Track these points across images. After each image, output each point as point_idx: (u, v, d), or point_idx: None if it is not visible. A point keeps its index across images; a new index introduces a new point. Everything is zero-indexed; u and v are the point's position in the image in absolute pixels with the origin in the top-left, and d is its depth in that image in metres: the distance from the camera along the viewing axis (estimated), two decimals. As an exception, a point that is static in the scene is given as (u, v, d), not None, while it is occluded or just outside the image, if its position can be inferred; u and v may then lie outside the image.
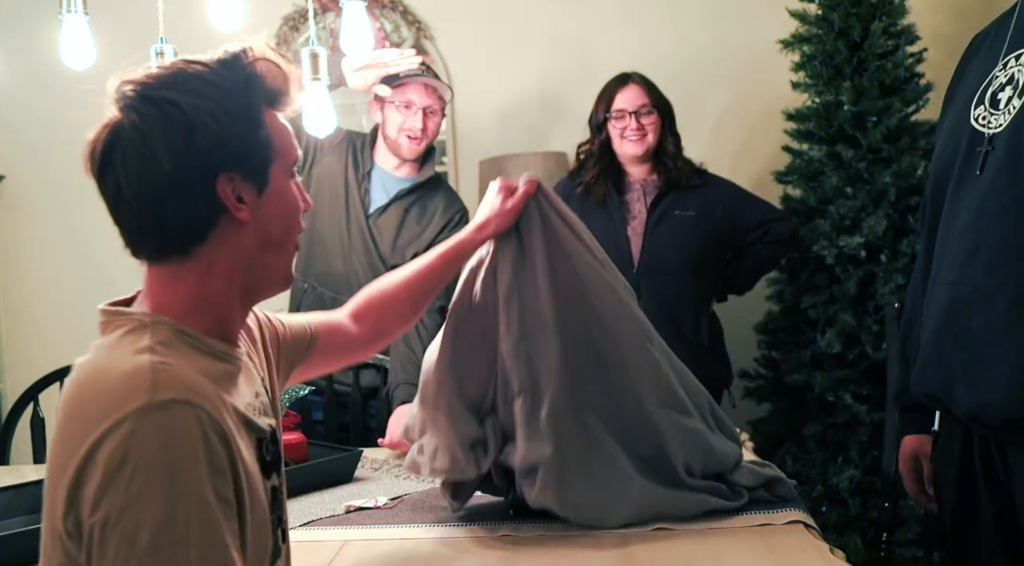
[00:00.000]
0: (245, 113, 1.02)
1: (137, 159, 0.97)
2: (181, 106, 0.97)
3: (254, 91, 1.04)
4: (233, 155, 1.01)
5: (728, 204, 2.68)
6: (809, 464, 2.94)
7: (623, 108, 2.63)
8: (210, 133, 0.98)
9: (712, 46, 3.52)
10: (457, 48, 3.62)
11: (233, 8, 2.26)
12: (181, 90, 0.99)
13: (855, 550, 2.76)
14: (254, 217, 1.04)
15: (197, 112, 0.98)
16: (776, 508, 1.50)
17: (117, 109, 1.00)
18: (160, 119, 0.97)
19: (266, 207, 1.05)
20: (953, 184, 1.45)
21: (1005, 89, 1.40)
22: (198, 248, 1.02)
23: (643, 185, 2.68)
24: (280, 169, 1.07)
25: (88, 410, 0.92)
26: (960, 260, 1.42)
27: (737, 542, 1.39)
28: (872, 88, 2.91)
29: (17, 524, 1.62)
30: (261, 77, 1.04)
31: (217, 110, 0.99)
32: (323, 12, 3.56)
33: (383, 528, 1.57)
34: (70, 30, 2.12)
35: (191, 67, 1.02)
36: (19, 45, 3.34)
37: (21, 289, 3.72)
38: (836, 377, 2.91)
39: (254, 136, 1.03)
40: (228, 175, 1.01)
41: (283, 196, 1.08)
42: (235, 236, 1.03)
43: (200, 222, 1.01)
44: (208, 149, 0.98)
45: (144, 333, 0.99)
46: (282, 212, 1.08)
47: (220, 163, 1.00)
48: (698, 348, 2.64)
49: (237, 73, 1.03)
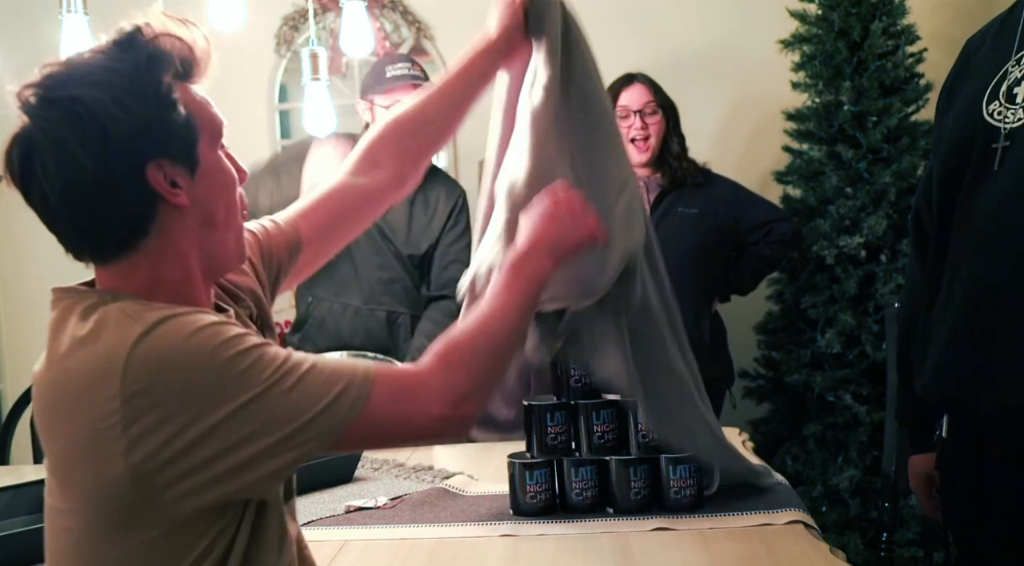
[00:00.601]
0: (155, 94, 0.97)
1: (57, 166, 0.94)
2: (86, 102, 0.93)
3: (159, 68, 0.98)
4: (155, 141, 0.97)
5: (731, 203, 2.69)
6: (809, 464, 2.94)
7: (627, 106, 2.63)
8: (123, 124, 0.94)
9: (712, 46, 3.52)
10: (457, 48, 3.60)
11: (233, 8, 2.26)
12: (82, 84, 0.95)
13: (855, 550, 2.76)
14: (192, 199, 1.00)
15: (105, 105, 0.94)
16: (776, 508, 1.50)
17: (23, 116, 0.96)
18: (69, 120, 0.94)
19: (202, 186, 1.01)
20: (968, 182, 1.42)
21: (1022, 83, 1.39)
22: (143, 240, 0.99)
23: (647, 183, 2.69)
24: (207, 144, 1.02)
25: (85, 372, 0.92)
26: (980, 259, 1.38)
27: (737, 542, 1.39)
28: (872, 88, 2.91)
29: (17, 524, 1.62)
30: (165, 51, 0.99)
31: (125, 98, 0.94)
32: (323, 12, 3.56)
33: (383, 528, 1.57)
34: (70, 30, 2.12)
35: (88, 57, 0.98)
36: (19, 45, 3.33)
37: (21, 289, 3.71)
38: (836, 377, 2.91)
39: (171, 117, 0.98)
40: (156, 162, 0.97)
41: (217, 171, 1.04)
42: (178, 221, 1.00)
43: (138, 216, 0.98)
44: (127, 141, 0.94)
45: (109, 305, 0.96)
46: (219, 187, 1.04)
47: (144, 152, 0.96)
48: (700, 347, 2.63)
49: (138, 53, 0.97)
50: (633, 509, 1.54)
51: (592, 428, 1.57)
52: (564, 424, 1.59)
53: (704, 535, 1.43)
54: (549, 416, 1.58)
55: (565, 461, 1.57)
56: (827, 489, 2.88)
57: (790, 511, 1.48)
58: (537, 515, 1.56)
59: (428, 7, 3.61)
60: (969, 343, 1.40)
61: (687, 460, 1.53)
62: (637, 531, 1.46)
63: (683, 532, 1.45)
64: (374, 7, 3.50)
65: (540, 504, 1.57)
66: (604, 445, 1.57)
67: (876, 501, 2.80)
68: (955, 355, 1.42)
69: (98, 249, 1.00)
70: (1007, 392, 1.35)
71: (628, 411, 1.56)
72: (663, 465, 1.54)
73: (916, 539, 2.75)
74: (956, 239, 1.45)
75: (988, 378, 1.37)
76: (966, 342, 1.41)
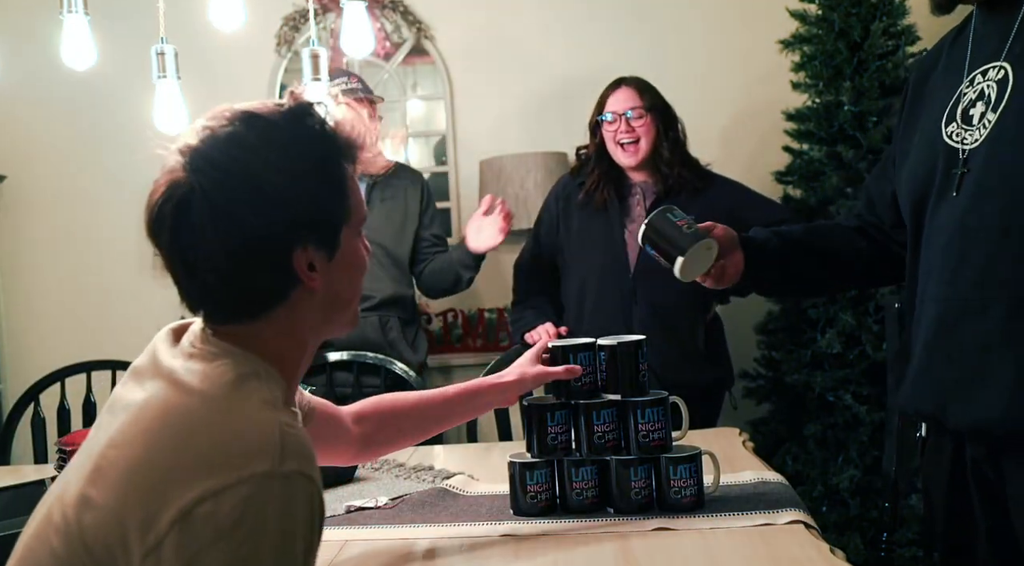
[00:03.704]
0: (325, 171, 0.97)
1: (212, 231, 0.92)
2: (259, 175, 0.92)
3: (331, 143, 0.98)
4: (309, 224, 0.96)
5: (732, 208, 2.64)
6: (809, 464, 2.94)
7: (614, 110, 2.62)
8: (292, 205, 0.93)
9: (712, 46, 3.52)
10: (457, 48, 3.62)
11: (233, 8, 2.26)
12: (256, 151, 0.93)
13: (855, 550, 2.76)
14: (324, 283, 0.99)
15: (274, 180, 0.93)
16: (776, 508, 1.50)
17: (182, 168, 0.93)
18: (235, 188, 0.92)
19: (336, 270, 1.01)
20: (932, 203, 1.46)
21: (976, 105, 1.42)
22: (269, 314, 0.98)
23: (643, 188, 2.68)
24: (350, 230, 1.02)
25: (200, 450, 0.87)
26: (946, 277, 1.42)
27: (737, 542, 1.39)
28: (872, 88, 2.91)
29: (17, 524, 1.61)
30: (339, 127, 0.99)
31: (307, 176, 0.94)
32: (323, 12, 3.56)
33: (383, 528, 1.57)
34: (70, 30, 2.12)
35: (262, 120, 0.96)
36: (19, 45, 3.33)
37: (21, 289, 3.72)
38: (836, 377, 2.91)
39: (331, 199, 0.98)
40: (303, 246, 0.96)
41: (353, 254, 1.04)
42: (305, 300, 0.99)
43: (272, 295, 0.97)
44: (285, 221, 0.93)
45: (260, 382, 0.94)
46: (351, 273, 1.04)
47: (296, 235, 0.95)
48: (694, 354, 2.63)
49: (322, 131, 0.97)
50: (633, 509, 1.54)
51: (592, 428, 1.57)
52: (564, 424, 1.59)
53: (704, 535, 1.43)
54: (549, 416, 1.58)
55: (565, 461, 1.57)
56: (827, 489, 2.88)
57: (790, 511, 1.48)
58: (537, 515, 1.56)
59: (428, 7, 3.61)
60: (941, 358, 1.43)
61: (687, 460, 1.54)
62: (637, 531, 1.46)
63: (683, 532, 1.45)
64: (374, 7, 3.50)
65: (540, 504, 1.57)
66: (604, 445, 1.57)
67: (876, 501, 2.80)
68: (929, 370, 1.45)
69: (221, 314, 0.99)
70: (978, 405, 1.37)
71: (628, 411, 1.56)
72: (663, 465, 1.54)
73: (916, 539, 2.75)
74: (924, 260, 1.48)
75: (960, 392, 1.40)
76: (938, 358, 1.44)
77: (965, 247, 1.39)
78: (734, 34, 3.50)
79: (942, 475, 1.52)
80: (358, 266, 1.05)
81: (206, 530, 0.83)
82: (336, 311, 1.04)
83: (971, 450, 1.45)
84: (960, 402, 1.40)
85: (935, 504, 1.56)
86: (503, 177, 3.33)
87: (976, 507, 1.46)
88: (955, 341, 1.41)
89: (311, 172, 0.96)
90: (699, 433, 1.94)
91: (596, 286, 2.64)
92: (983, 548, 1.46)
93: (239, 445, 0.87)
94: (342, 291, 1.03)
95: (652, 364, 1.71)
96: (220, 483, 0.84)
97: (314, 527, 0.90)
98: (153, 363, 0.99)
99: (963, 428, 1.42)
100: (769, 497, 1.56)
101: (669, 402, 1.59)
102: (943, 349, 1.43)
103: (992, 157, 1.37)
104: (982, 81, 1.43)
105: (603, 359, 1.59)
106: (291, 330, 1.00)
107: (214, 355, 0.96)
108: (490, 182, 3.37)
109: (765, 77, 3.32)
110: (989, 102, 1.40)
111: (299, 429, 0.92)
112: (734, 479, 1.67)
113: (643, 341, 1.59)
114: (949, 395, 1.41)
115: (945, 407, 1.42)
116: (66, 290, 3.70)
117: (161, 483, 0.86)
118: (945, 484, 1.51)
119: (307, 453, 0.90)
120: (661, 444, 1.56)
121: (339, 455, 1.44)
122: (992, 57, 1.42)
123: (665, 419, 1.57)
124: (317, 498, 0.90)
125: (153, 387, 0.95)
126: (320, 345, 1.10)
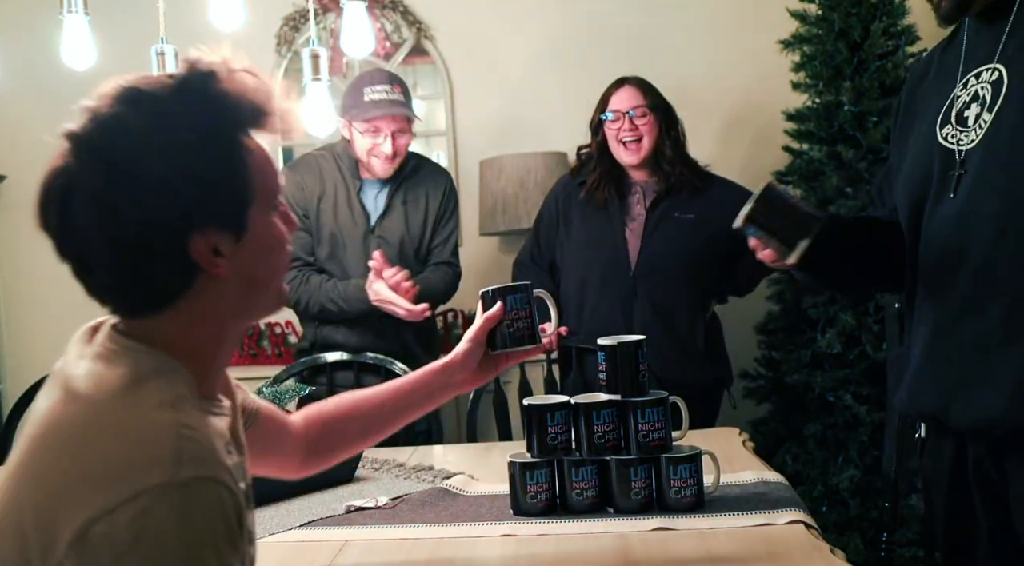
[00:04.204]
0: (226, 158, 0.89)
1: (96, 224, 0.86)
2: (141, 162, 0.85)
3: (231, 123, 0.89)
4: (206, 209, 0.88)
5: (732, 208, 2.64)
6: (809, 464, 2.94)
7: (617, 108, 2.63)
8: (179, 193, 0.85)
9: (712, 46, 3.52)
10: (457, 48, 3.62)
11: (233, 8, 2.27)
12: (139, 135, 0.85)
13: (855, 550, 2.75)
14: (233, 268, 0.92)
15: (158, 166, 0.85)
16: (776, 508, 1.50)
17: (63, 155, 0.87)
18: (117, 176, 0.85)
19: (247, 253, 0.92)
20: (930, 204, 1.46)
21: (971, 106, 1.42)
22: (175, 304, 0.91)
23: (644, 187, 2.68)
24: (260, 209, 0.93)
25: (89, 465, 0.81)
26: (943, 277, 1.42)
27: (737, 542, 1.39)
28: (872, 88, 2.91)
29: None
30: (239, 99, 0.89)
31: (191, 161, 0.86)
32: (323, 12, 3.56)
33: (383, 528, 1.57)
34: (70, 30, 2.12)
35: (153, 94, 0.87)
36: (19, 45, 3.33)
37: (21, 289, 3.72)
38: (836, 377, 2.91)
39: (233, 184, 0.89)
40: (202, 232, 0.88)
41: (265, 236, 0.95)
42: (213, 290, 0.92)
43: (172, 286, 0.90)
44: (174, 209, 0.86)
45: (160, 381, 0.88)
46: (267, 252, 0.96)
47: (191, 223, 0.87)
48: (693, 353, 2.63)
49: (210, 102, 0.88)
50: (633, 509, 1.54)
51: (592, 428, 1.57)
52: (564, 424, 1.59)
53: (704, 535, 1.43)
54: (549, 416, 1.58)
55: (565, 461, 1.57)
56: (827, 489, 2.88)
57: (790, 511, 1.48)
58: (537, 515, 1.56)
59: (428, 7, 3.61)
60: (940, 359, 1.44)
61: (687, 460, 1.54)
62: (637, 531, 1.46)
63: (683, 532, 1.45)
64: (374, 7, 3.50)
65: (540, 504, 1.57)
66: (604, 445, 1.57)
67: (876, 501, 2.80)
68: (929, 371, 1.46)
69: (123, 308, 0.93)
70: (979, 405, 1.37)
71: (628, 411, 1.56)
72: (663, 465, 1.54)
73: (916, 539, 2.75)
74: (923, 259, 1.48)
75: (960, 392, 1.40)
76: (938, 358, 1.44)
77: (962, 247, 1.39)
78: (734, 34, 3.50)
79: (943, 475, 1.52)
80: (274, 245, 0.96)
81: (103, 552, 0.78)
82: (255, 294, 0.96)
83: (972, 450, 1.45)
84: (961, 402, 1.40)
85: (936, 504, 1.56)
86: (503, 177, 3.33)
87: (977, 507, 1.46)
88: (954, 341, 1.41)
89: (202, 153, 0.87)
90: (699, 433, 1.94)
91: (596, 285, 2.64)
92: (984, 548, 1.47)
93: (129, 457, 0.81)
94: (257, 273, 0.95)
95: (652, 364, 1.71)
96: (112, 500, 0.78)
97: (231, 530, 0.83)
98: (60, 366, 0.94)
99: (964, 428, 1.42)
100: (769, 497, 1.56)
101: (669, 402, 1.59)
102: (943, 349, 1.43)
103: (989, 156, 1.37)
104: (976, 83, 1.43)
105: (603, 359, 1.59)
106: (202, 320, 0.92)
107: (116, 354, 0.90)
108: (490, 182, 3.37)
109: (765, 77, 3.32)
110: (984, 103, 1.40)
111: (199, 430, 0.85)
112: (734, 479, 1.67)
113: (643, 341, 1.59)
114: (950, 395, 1.42)
115: (946, 407, 1.43)
116: (66, 290, 3.68)
117: (53, 504, 0.80)
118: (946, 484, 1.51)
119: (208, 455, 0.83)
120: (661, 444, 1.56)
121: (284, 463, 1.31)
122: (985, 60, 1.43)
123: (665, 419, 1.57)
124: (229, 498, 0.83)
125: (51, 395, 0.90)
126: (326, 346, 1.09)
